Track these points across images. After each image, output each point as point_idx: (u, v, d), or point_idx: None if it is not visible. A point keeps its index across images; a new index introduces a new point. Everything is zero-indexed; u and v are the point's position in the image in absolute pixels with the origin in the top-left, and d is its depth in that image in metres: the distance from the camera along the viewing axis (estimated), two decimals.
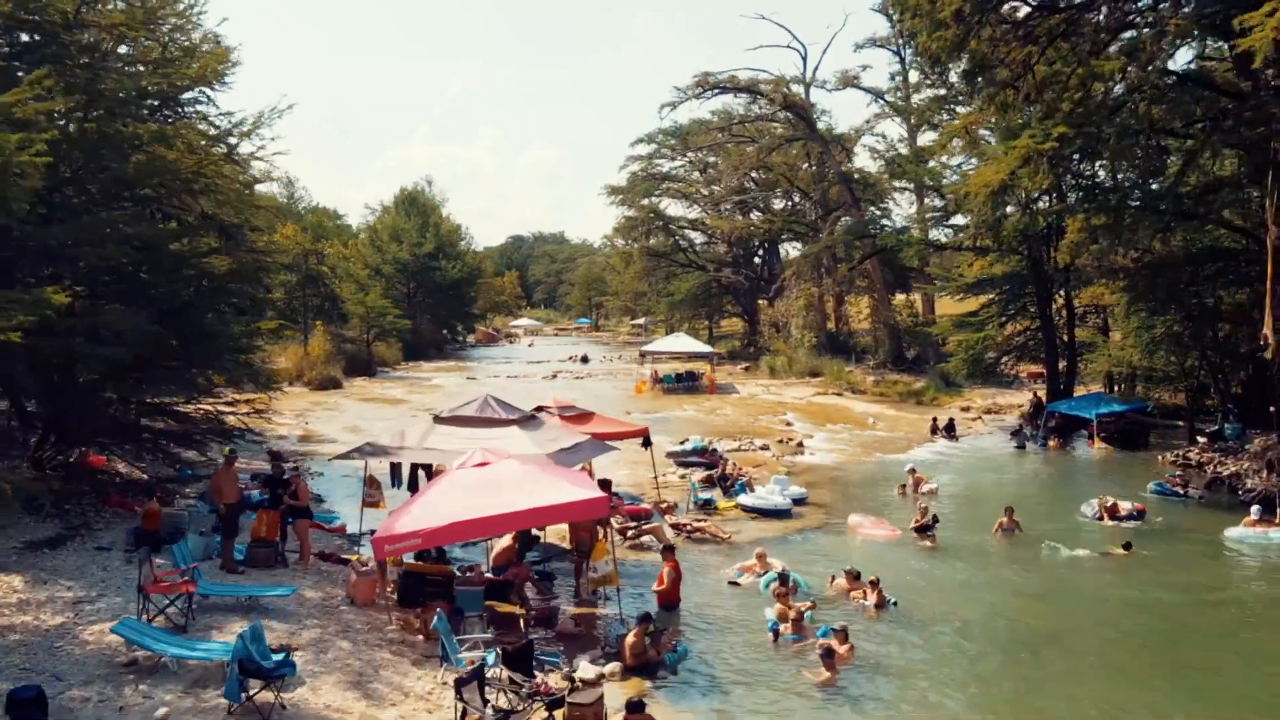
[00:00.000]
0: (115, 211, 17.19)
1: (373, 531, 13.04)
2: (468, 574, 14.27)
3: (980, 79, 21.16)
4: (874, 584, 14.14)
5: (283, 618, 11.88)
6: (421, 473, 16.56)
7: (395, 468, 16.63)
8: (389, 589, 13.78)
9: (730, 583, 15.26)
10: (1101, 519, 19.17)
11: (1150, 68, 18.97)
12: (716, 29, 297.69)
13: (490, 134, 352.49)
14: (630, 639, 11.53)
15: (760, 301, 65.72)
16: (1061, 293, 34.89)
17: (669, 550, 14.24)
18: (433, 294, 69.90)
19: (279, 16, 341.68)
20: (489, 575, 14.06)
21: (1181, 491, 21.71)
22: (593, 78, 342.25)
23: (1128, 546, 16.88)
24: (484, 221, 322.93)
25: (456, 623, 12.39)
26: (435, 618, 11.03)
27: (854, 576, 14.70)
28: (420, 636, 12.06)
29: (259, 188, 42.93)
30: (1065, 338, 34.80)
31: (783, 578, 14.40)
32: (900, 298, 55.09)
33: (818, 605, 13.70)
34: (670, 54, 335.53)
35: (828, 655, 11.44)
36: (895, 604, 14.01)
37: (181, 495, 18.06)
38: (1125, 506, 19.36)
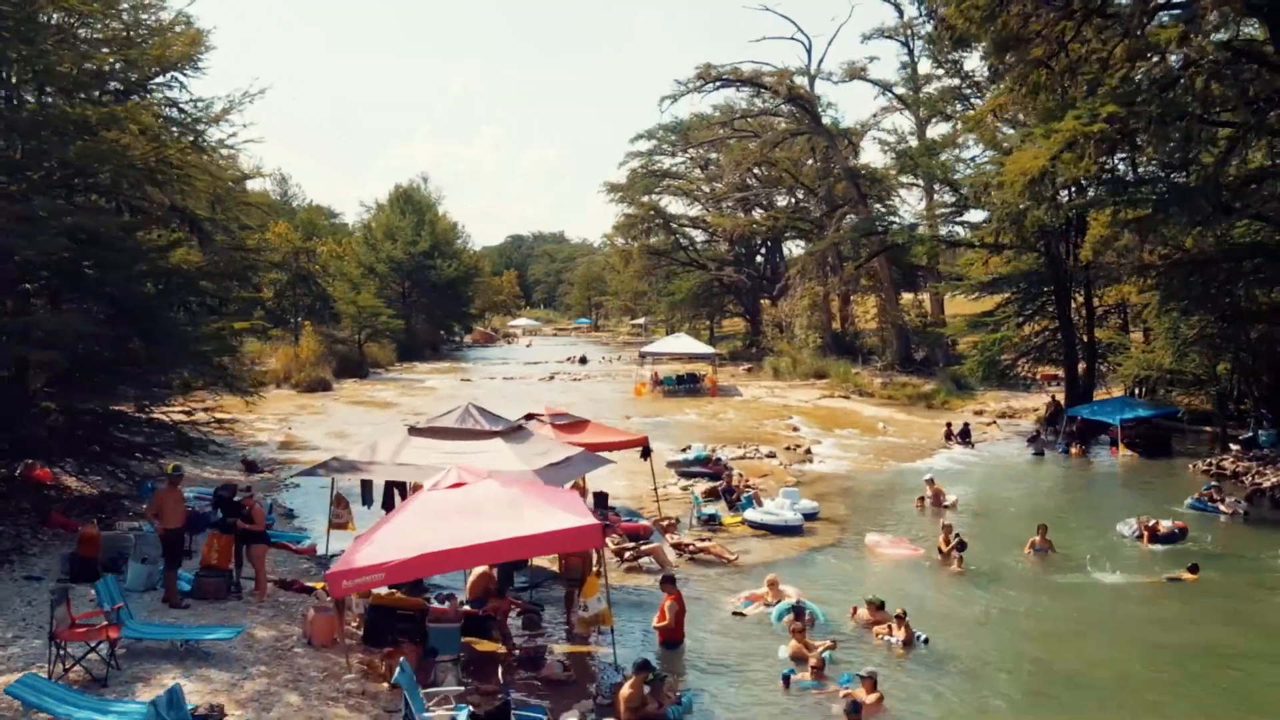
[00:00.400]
0: (61, 201, 15.64)
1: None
2: (445, 602, 12.71)
3: (1011, 55, 19.49)
4: (900, 618, 12.56)
5: (224, 664, 10.28)
6: (396, 491, 14.97)
7: (366, 485, 15.06)
8: (354, 623, 12.24)
9: (735, 613, 13.66)
10: (1142, 538, 17.56)
11: (1209, 39, 17.29)
12: (718, 27, 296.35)
13: (492, 133, 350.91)
14: (626, 691, 9.94)
15: (763, 301, 64.20)
16: (1080, 292, 33.34)
17: (669, 580, 12.61)
18: (428, 293, 68.39)
19: (280, 15, 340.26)
20: (466, 607, 12.50)
21: (1224, 509, 20.03)
22: (594, 76, 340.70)
23: (1194, 569, 15.28)
24: (485, 220, 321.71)
25: (429, 665, 10.83)
26: (398, 669, 9.45)
27: (877, 607, 13.12)
28: (385, 684, 10.47)
29: (250, 184, 41.79)
30: (1085, 338, 33.25)
31: (797, 611, 12.82)
32: (908, 297, 53.53)
33: (838, 644, 12.08)
34: (672, 52, 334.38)
35: (854, 711, 9.83)
36: (925, 641, 12.42)
37: (133, 515, 16.36)
38: (1166, 525, 17.74)
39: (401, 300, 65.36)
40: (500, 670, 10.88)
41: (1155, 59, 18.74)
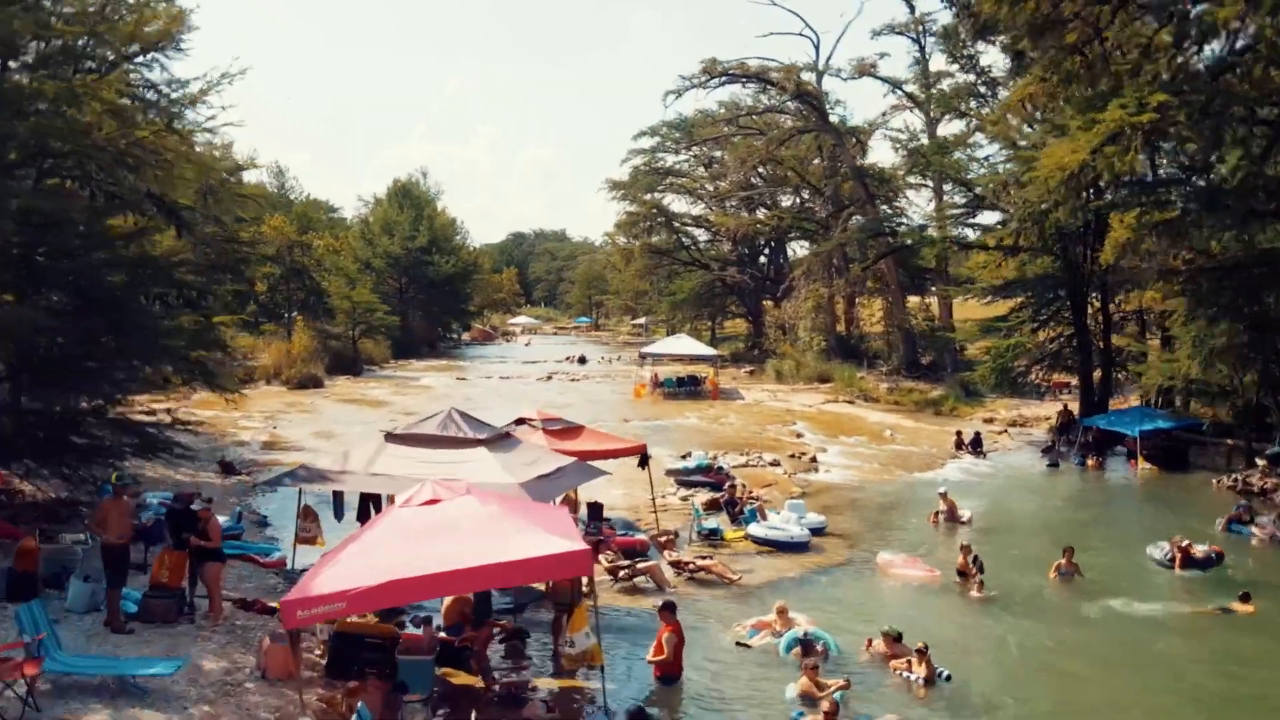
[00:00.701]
0: (15, 183, 14.48)
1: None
2: (420, 627, 11.55)
3: (1044, 38, 18.23)
4: (921, 653, 11.37)
5: (162, 703, 9.10)
6: (372, 504, 13.80)
7: (338, 496, 13.88)
8: (319, 650, 11.08)
9: (739, 644, 12.46)
10: (1174, 563, 16.32)
11: (1267, 20, 16.01)
12: (714, 27, 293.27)
13: (488, 132, 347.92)
14: None
15: (766, 302, 62.98)
16: (1097, 297, 32.10)
17: (669, 609, 11.39)
18: (425, 289, 67.20)
19: (277, 15, 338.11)
20: (442, 635, 11.33)
21: (1258, 530, 18.79)
22: (590, 76, 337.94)
23: (1245, 598, 14.05)
24: (481, 220, 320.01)
25: (395, 703, 9.65)
26: (355, 716, 8.28)
27: (894, 639, 11.94)
28: None
29: (246, 176, 40.52)
30: (1101, 345, 32.04)
31: (806, 645, 11.66)
32: (915, 300, 52.29)
33: (851, 683, 10.87)
34: (668, 52, 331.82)
35: None
36: (948, 678, 11.24)
37: (88, 523, 15.13)
38: (1201, 549, 16.51)
39: (398, 296, 64.22)
40: (474, 712, 9.68)
41: (1196, 48, 17.46)
